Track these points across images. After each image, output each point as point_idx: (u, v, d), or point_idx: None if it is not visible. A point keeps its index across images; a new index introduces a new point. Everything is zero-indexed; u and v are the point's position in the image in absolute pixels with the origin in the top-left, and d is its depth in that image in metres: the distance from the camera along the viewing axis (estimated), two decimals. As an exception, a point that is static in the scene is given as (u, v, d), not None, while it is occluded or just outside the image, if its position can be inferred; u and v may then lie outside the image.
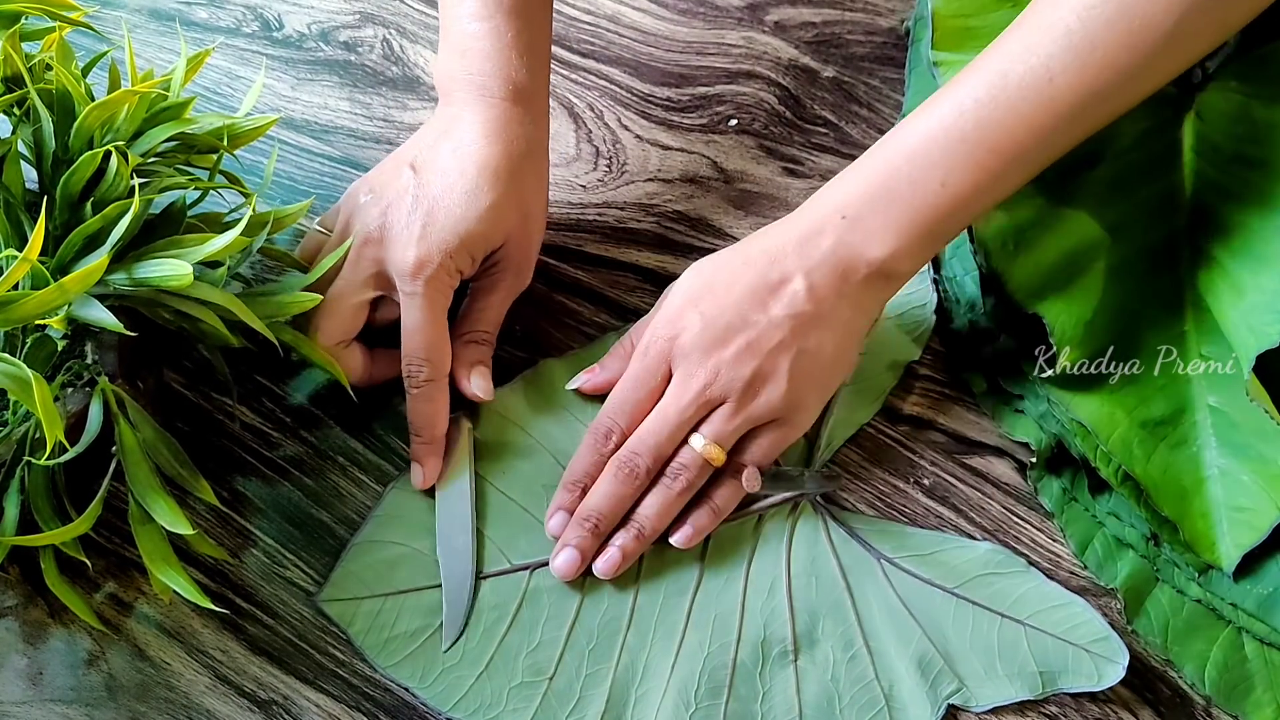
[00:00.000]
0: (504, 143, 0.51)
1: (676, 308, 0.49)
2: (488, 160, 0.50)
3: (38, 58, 0.47)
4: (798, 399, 0.49)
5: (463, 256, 0.50)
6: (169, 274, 0.42)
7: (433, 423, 0.50)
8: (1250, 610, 0.49)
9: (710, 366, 0.48)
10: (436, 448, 0.50)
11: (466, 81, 0.52)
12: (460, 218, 0.49)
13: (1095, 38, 0.43)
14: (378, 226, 0.50)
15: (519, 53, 0.52)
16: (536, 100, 0.53)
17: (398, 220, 0.50)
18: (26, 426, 0.43)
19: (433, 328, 0.50)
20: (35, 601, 0.48)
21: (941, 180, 0.46)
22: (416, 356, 0.50)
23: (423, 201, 0.50)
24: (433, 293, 0.49)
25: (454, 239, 0.49)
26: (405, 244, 0.49)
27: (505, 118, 0.51)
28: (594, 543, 0.48)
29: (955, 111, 0.45)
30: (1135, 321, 0.52)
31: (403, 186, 0.51)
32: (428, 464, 0.50)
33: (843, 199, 0.48)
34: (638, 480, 0.48)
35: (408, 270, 0.49)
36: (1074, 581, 0.51)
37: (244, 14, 0.69)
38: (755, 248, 0.49)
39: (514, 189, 0.51)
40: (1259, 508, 0.49)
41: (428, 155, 0.51)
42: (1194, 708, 0.48)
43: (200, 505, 0.51)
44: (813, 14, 0.70)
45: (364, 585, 0.49)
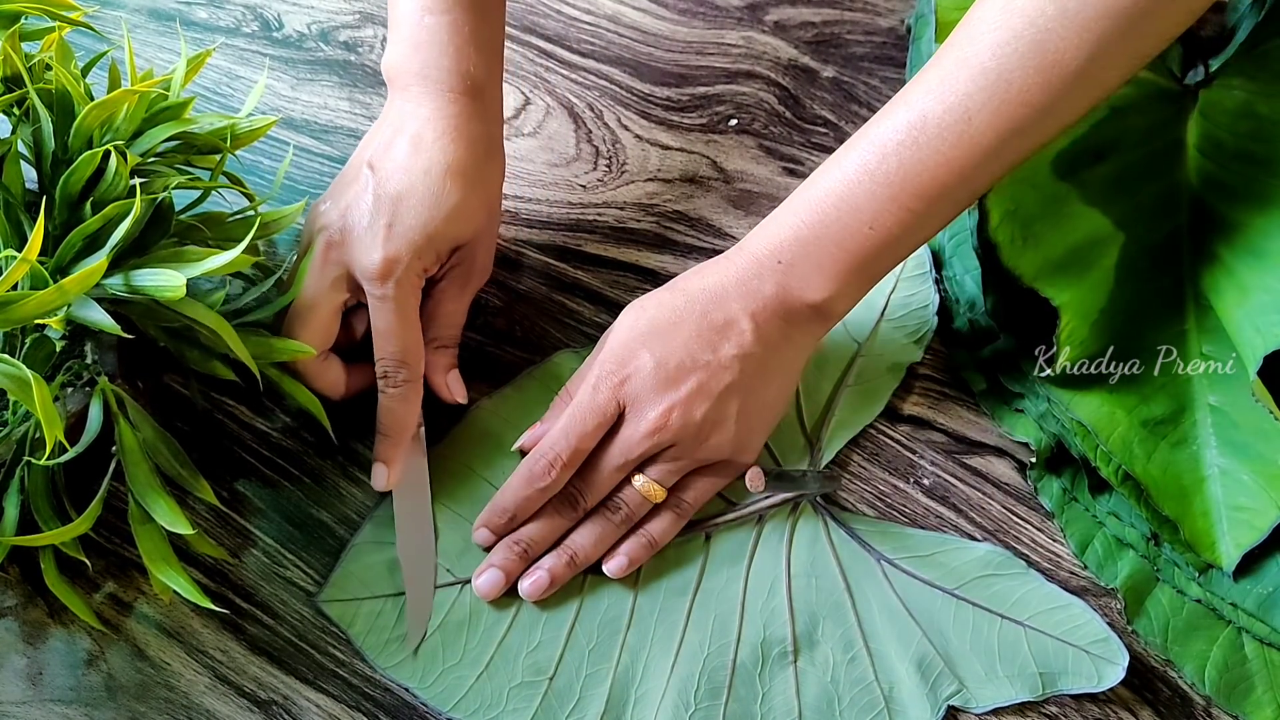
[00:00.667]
0: (466, 141, 0.50)
1: (625, 345, 0.48)
2: (451, 159, 0.49)
3: (37, 57, 0.47)
4: (744, 442, 0.49)
5: (429, 256, 0.49)
6: (163, 284, 0.42)
7: (405, 424, 0.50)
8: (1250, 610, 0.49)
9: (663, 408, 0.47)
10: (405, 449, 0.50)
11: (421, 76, 0.51)
12: (428, 218, 0.49)
13: (1010, 75, 0.42)
14: (339, 229, 0.49)
15: (476, 47, 0.51)
16: (491, 94, 0.53)
17: (359, 221, 0.49)
18: (26, 426, 0.43)
19: (406, 329, 0.49)
20: (35, 601, 0.48)
21: (869, 224, 0.45)
22: (393, 359, 0.49)
23: (384, 201, 0.49)
24: (403, 294, 0.49)
25: (421, 239, 0.48)
26: (370, 246, 0.48)
27: (465, 114, 0.51)
28: (521, 565, 0.48)
29: (878, 154, 0.45)
30: (1136, 319, 0.52)
31: (361, 186, 0.49)
32: (394, 465, 0.50)
33: (778, 244, 0.47)
34: (575, 513, 0.49)
35: (375, 273, 0.48)
36: (1074, 582, 0.51)
37: (244, 14, 0.69)
38: (695, 286, 0.49)
39: (479, 188, 0.51)
40: (1259, 507, 0.49)
41: (384, 153, 0.50)
42: (1194, 708, 0.48)
43: (200, 505, 0.51)
44: (813, 14, 0.70)
45: (364, 586, 0.49)
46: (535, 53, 0.67)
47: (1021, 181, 0.53)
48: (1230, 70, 0.56)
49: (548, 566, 0.48)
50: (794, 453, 0.53)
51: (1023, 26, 0.42)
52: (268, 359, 0.48)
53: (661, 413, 0.47)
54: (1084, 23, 0.41)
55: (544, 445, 0.48)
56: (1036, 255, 0.52)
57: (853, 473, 0.54)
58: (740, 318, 0.47)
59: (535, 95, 0.65)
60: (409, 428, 0.50)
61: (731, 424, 0.48)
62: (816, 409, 0.54)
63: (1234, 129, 0.54)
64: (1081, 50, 0.42)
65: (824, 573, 0.50)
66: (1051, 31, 0.42)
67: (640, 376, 0.47)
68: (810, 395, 0.54)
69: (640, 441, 0.47)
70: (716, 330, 0.47)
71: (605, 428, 0.48)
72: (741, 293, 0.48)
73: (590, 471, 0.48)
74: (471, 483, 0.51)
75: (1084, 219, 0.53)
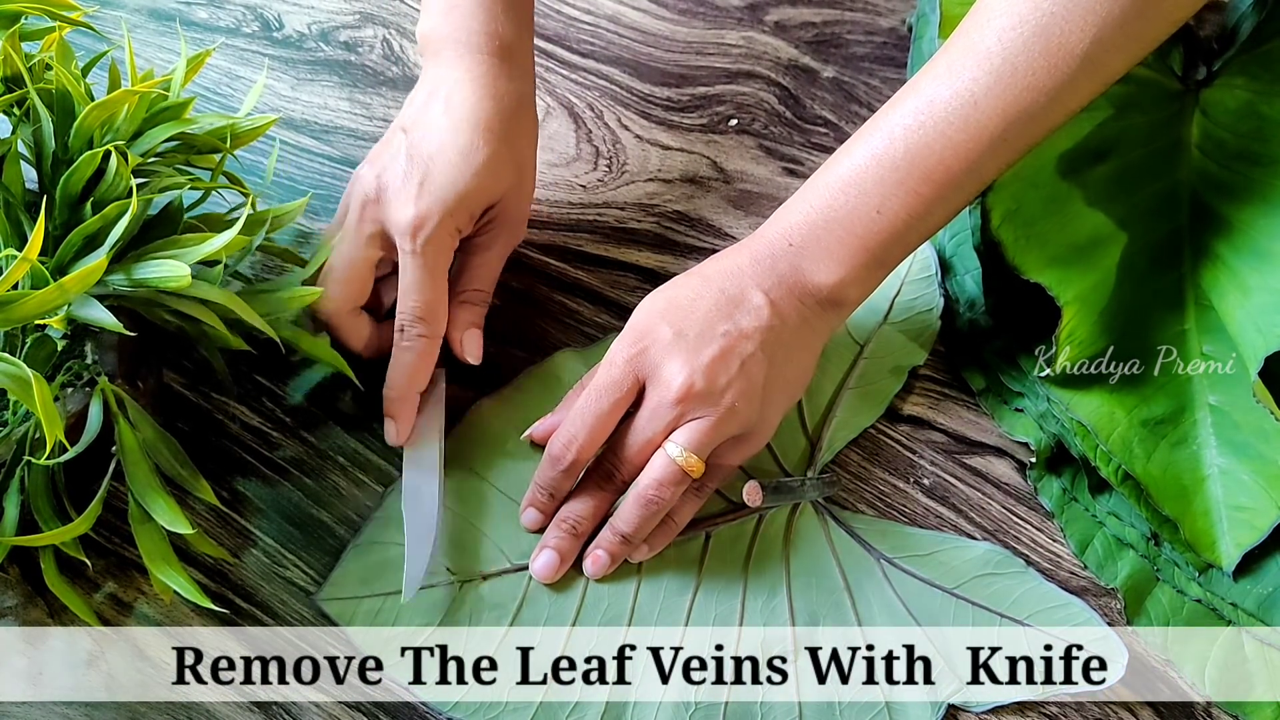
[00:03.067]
0: (495, 98, 0.51)
1: (641, 322, 0.48)
2: (480, 116, 0.50)
3: (38, 57, 0.47)
4: (766, 414, 0.48)
5: (461, 214, 0.50)
6: (167, 274, 0.42)
7: (413, 378, 0.50)
8: (1250, 610, 0.49)
9: (686, 374, 0.46)
10: (412, 404, 0.51)
11: (452, 39, 0.52)
12: (458, 175, 0.49)
13: (1016, 60, 0.43)
14: (375, 188, 0.50)
15: (504, 8, 0.52)
16: (521, 55, 0.53)
17: (393, 180, 0.50)
18: (26, 426, 0.43)
19: (431, 287, 0.50)
20: (35, 601, 0.48)
21: (877, 208, 0.46)
22: (413, 314, 0.50)
23: (417, 160, 0.49)
24: (432, 251, 0.49)
25: (452, 196, 0.49)
26: (403, 203, 0.49)
27: (494, 73, 0.51)
28: (574, 544, 0.49)
29: (886, 139, 0.45)
30: (1137, 319, 0.52)
31: (395, 148, 0.50)
32: (401, 419, 0.50)
33: (789, 227, 0.48)
34: (615, 486, 0.49)
35: (407, 228, 0.49)
36: (1074, 581, 0.51)
37: (244, 14, 0.69)
38: (711, 268, 0.49)
39: (508, 144, 0.51)
40: (1259, 507, 0.49)
41: (417, 115, 0.51)
42: (1194, 708, 0.48)
43: (200, 505, 0.51)
44: (813, 14, 0.70)
45: (364, 584, 0.49)
46: (535, 53, 0.67)
47: (1023, 181, 0.53)
48: (1232, 70, 0.56)
49: (604, 546, 0.48)
50: (794, 453, 0.53)
51: (1028, 11, 0.43)
52: (280, 313, 0.48)
53: (686, 377, 0.46)
54: (1089, 6, 0.42)
55: (564, 424, 0.48)
56: (1039, 254, 0.52)
57: (853, 473, 0.54)
58: (755, 294, 0.47)
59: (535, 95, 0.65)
60: (418, 384, 0.50)
61: (757, 393, 0.47)
62: (818, 410, 0.54)
63: (1236, 128, 0.54)
64: (1086, 34, 0.42)
65: (824, 572, 0.50)
66: (1056, 16, 0.42)
67: (659, 346, 0.47)
68: (811, 396, 0.54)
69: (669, 408, 0.46)
70: (733, 303, 0.47)
71: (625, 403, 0.47)
72: (756, 271, 0.48)
73: (621, 445, 0.48)
74: (471, 483, 0.51)
75: (1085, 218, 0.53)
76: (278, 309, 0.48)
